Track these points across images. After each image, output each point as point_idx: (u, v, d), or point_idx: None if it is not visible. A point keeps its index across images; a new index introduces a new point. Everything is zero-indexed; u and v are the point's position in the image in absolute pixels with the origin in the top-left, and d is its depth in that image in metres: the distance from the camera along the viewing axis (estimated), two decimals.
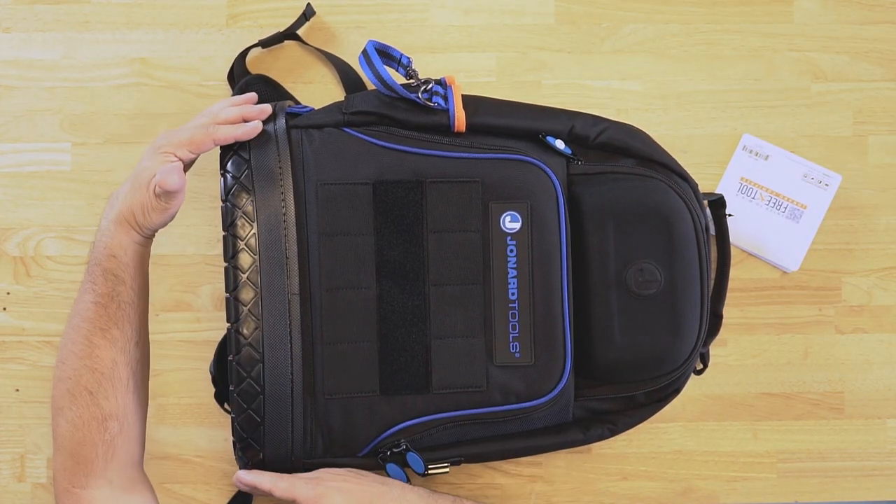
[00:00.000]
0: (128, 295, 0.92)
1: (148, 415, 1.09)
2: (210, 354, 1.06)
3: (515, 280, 0.97)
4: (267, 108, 0.96)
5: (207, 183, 1.11)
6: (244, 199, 0.93)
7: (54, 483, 0.93)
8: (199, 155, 0.93)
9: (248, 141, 0.95)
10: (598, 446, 1.11)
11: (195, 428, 1.11)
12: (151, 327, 1.10)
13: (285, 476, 0.94)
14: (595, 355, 1.00)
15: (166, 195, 0.90)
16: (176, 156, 0.91)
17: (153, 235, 0.95)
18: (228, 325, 0.93)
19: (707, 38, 1.14)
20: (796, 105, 1.14)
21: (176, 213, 0.93)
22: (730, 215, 1.09)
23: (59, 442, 0.92)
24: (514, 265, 0.97)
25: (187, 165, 0.93)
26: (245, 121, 0.95)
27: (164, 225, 0.93)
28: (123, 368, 0.92)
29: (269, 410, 0.93)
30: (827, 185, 1.11)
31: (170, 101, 1.13)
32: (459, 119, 0.98)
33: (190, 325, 1.11)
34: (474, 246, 0.97)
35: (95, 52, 1.13)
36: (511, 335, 0.98)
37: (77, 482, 0.91)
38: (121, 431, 0.92)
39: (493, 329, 0.97)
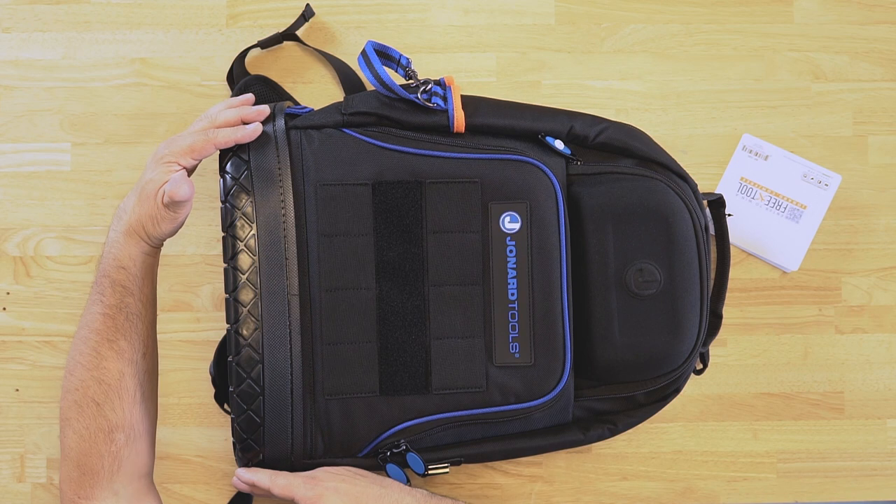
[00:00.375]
0: (136, 306, 0.92)
1: None
2: (210, 354, 1.07)
3: (515, 280, 0.97)
4: (265, 110, 0.96)
5: (207, 183, 1.11)
6: (244, 200, 0.94)
7: (61, 494, 0.93)
8: (201, 160, 0.93)
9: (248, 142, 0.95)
10: (598, 446, 1.11)
11: (195, 428, 1.11)
12: None
13: (283, 473, 0.94)
14: (595, 355, 1.00)
15: (175, 204, 0.90)
16: (179, 164, 0.91)
17: (161, 245, 0.95)
18: (228, 325, 0.93)
19: (707, 38, 1.14)
20: (796, 105, 1.14)
21: (184, 220, 0.93)
22: (729, 215, 1.08)
23: (66, 453, 0.92)
24: (514, 265, 0.97)
25: (190, 171, 0.93)
26: (243, 122, 0.95)
27: (173, 233, 0.94)
28: (130, 380, 0.92)
29: (268, 411, 0.93)
30: (827, 185, 1.11)
31: (169, 102, 1.13)
32: (458, 119, 0.98)
33: (190, 325, 1.11)
34: (474, 246, 0.97)
35: (95, 52, 1.13)
36: (511, 335, 0.98)
37: (83, 493, 0.91)
38: (127, 443, 0.92)
39: (492, 329, 0.98)
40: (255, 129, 0.94)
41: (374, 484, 0.93)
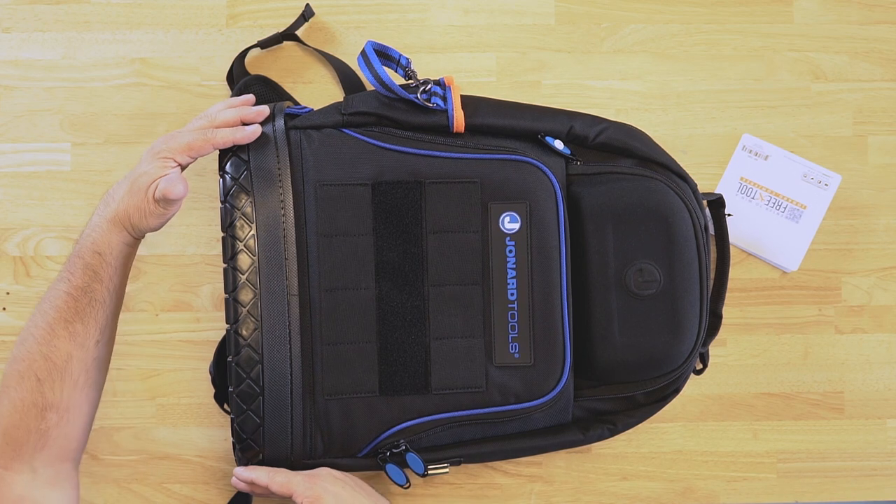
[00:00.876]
0: (101, 293, 0.91)
1: (148, 415, 1.10)
2: (210, 354, 1.07)
3: (515, 281, 0.97)
4: (265, 110, 0.96)
5: (207, 183, 1.11)
6: (243, 201, 0.94)
7: None
8: (197, 159, 0.93)
9: None
10: (598, 446, 1.11)
11: (195, 428, 1.11)
12: (151, 327, 1.10)
13: (282, 471, 0.94)
14: (595, 355, 1.00)
15: (167, 201, 0.90)
16: (175, 161, 0.91)
17: (142, 237, 0.95)
18: (228, 325, 0.93)
19: (707, 38, 1.14)
20: (796, 105, 1.14)
21: (171, 217, 0.93)
22: (729, 215, 1.08)
23: None
24: (514, 266, 0.97)
25: (183, 168, 0.93)
26: (243, 123, 0.95)
27: (158, 229, 0.93)
28: (78, 364, 0.91)
29: (268, 411, 0.93)
30: (827, 185, 1.11)
31: (169, 101, 1.13)
32: (458, 119, 0.98)
33: (190, 325, 1.11)
34: (473, 247, 0.97)
35: (95, 52, 1.13)
36: (510, 335, 0.98)
37: (1, 462, 0.89)
38: (58, 424, 0.90)
39: (492, 329, 0.98)
40: (254, 131, 0.94)
41: (372, 501, 0.94)
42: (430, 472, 0.98)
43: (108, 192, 0.93)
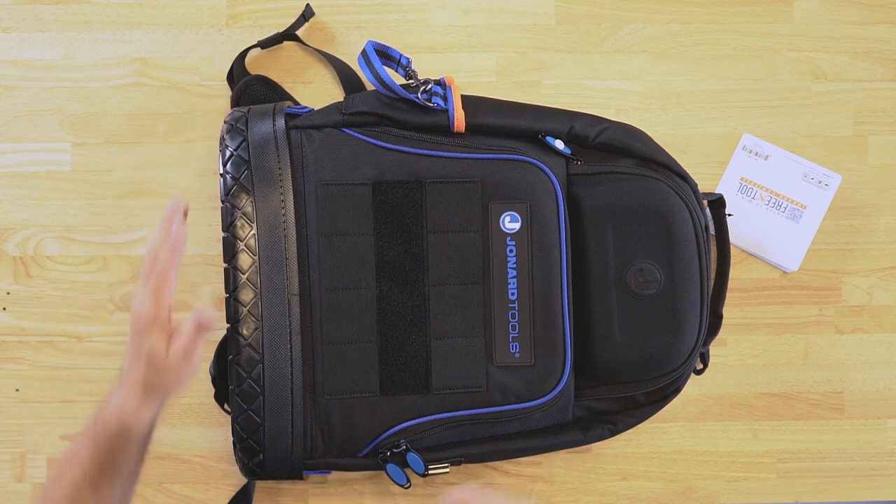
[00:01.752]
0: (128, 466, 0.82)
1: None
2: (210, 354, 1.06)
3: (515, 280, 0.97)
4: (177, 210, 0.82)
5: (208, 183, 1.11)
6: (244, 200, 0.94)
7: None
8: (171, 295, 0.79)
9: (248, 141, 0.95)
10: (598, 446, 1.11)
11: (195, 428, 1.11)
12: None
13: None
14: (595, 355, 1.00)
15: (202, 333, 0.79)
16: (161, 317, 0.78)
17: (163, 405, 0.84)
18: (228, 325, 0.93)
19: (707, 38, 1.14)
20: (796, 105, 1.14)
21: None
22: (730, 215, 1.08)
23: None
24: (514, 265, 0.97)
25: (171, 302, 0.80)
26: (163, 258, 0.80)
27: (185, 385, 0.82)
28: None
29: (268, 411, 0.93)
30: (827, 185, 1.11)
31: (169, 102, 1.13)
32: (459, 119, 0.98)
33: None
34: (474, 246, 0.97)
35: (95, 52, 1.13)
36: (511, 335, 0.98)
37: None
38: None
39: (492, 329, 0.98)
40: (178, 231, 0.80)
41: None
42: (430, 471, 0.98)
43: (123, 410, 0.81)
